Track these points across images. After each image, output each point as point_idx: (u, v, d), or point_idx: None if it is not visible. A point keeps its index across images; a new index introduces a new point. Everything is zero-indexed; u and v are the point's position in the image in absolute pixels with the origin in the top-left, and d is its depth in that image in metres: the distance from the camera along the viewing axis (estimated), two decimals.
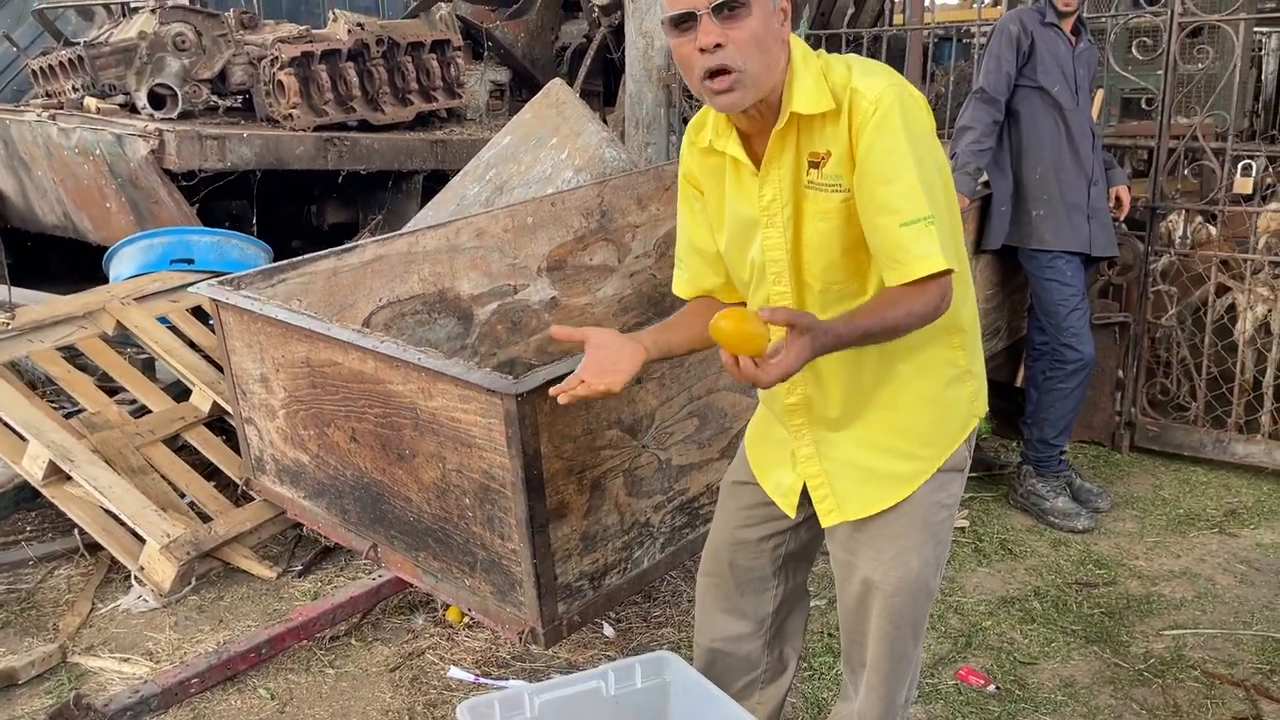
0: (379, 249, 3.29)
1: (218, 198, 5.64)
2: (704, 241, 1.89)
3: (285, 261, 3.11)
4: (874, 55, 6.28)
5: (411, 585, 2.81)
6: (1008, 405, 4.26)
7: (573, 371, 1.86)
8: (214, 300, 2.92)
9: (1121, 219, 3.71)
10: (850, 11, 7.48)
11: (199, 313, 3.90)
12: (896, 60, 6.78)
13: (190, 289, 3.12)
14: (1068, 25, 3.47)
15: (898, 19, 10.08)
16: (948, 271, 1.58)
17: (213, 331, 3.27)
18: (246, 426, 3.07)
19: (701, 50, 1.57)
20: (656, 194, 4.23)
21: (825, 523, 1.88)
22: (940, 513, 1.84)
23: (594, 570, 2.38)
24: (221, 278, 3.03)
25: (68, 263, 6.35)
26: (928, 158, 1.60)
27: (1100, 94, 3.71)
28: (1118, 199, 3.64)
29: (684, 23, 1.58)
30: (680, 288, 2.00)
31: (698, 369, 2.60)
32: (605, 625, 2.94)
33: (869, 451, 1.82)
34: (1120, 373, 4.15)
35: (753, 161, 1.71)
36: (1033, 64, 3.44)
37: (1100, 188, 3.54)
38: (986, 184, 3.55)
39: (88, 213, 5.72)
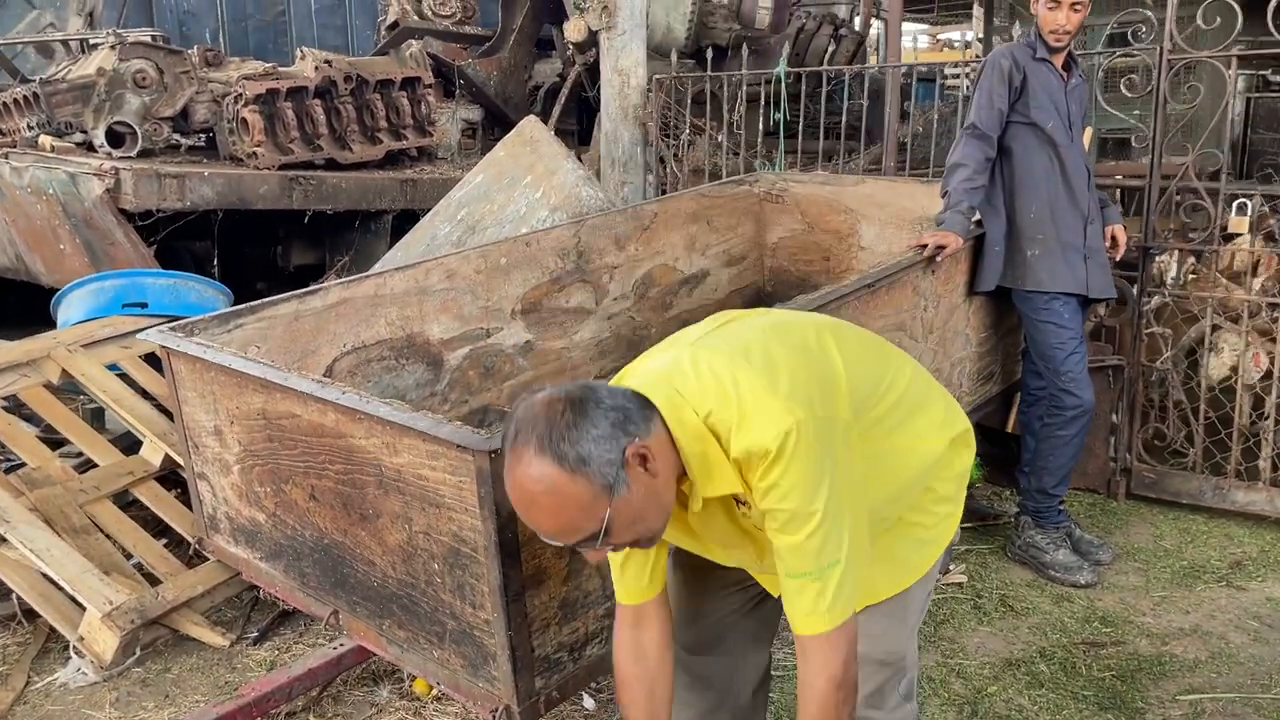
0: (344, 291, 3.11)
1: (178, 238, 5.44)
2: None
3: (243, 305, 2.92)
4: (852, 94, 6.21)
5: (375, 655, 2.60)
6: (1000, 451, 4.12)
7: None
8: (164, 347, 2.73)
9: (1118, 259, 3.59)
10: (830, 50, 7.43)
11: (153, 360, 3.68)
12: (875, 99, 6.73)
13: (140, 335, 2.91)
14: (1059, 60, 3.38)
15: (871, 58, 10.10)
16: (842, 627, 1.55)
17: None
18: (199, 482, 2.86)
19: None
20: (635, 234, 4.09)
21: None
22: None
23: (574, 640, 2.19)
24: (174, 323, 2.83)
25: (21, 306, 6.10)
26: (828, 491, 1.51)
27: (1089, 131, 3.60)
28: (1113, 238, 3.52)
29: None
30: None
31: None
32: (586, 697, 2.73)
33: None
34: (1114, 417, 4.02)
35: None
36: (1025, 99, 3.33)
37: (1096, 227, 3.43)
38: (979, 222, 3.42)
39: (40, 254, 5.49)
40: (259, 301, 2.94)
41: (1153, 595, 3.33)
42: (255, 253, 6.26)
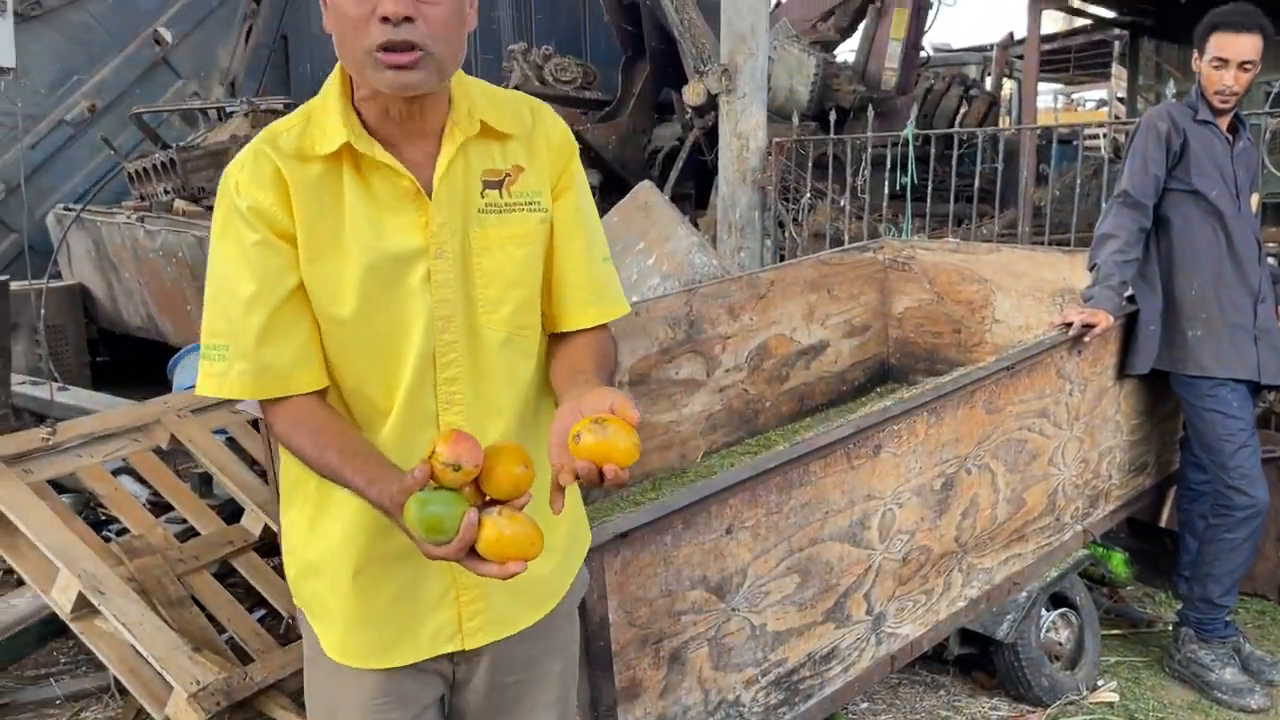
0: None
1: None
2: (295, 306, 1.33)
3: None
4: (984, 156, 5.92)
5: None
6: (1152, 547, 3.72)
7: (664, 515, 1.62)
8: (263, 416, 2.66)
9: None
10: (960, 111, 7.17)
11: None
12: (1008, 161, 6.43)
13: (241, 405, 2.86)
14: (1224, 123, 3.06)
15: (1004, 119, 9.75)
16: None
17: None
18: None
19: (384, 19, 1.23)
20: (750, 302, 3.90)
21: (472, 643, 1.46)
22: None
23: None
24: None
25: (152, 364, 6.29)
26: None
27: (1255, 198, 3.26)
28: None
29: None
30: (247, 385, 1.33)
31: (799, 515, 2.21)
32: None
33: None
34: None
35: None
36: (1185, 165, 3.02)
37: (1268, 305, 3.06)
38: (1132, 299, 3.10)
39: (170, 315, 5.66)
40: None
41: None
42: None
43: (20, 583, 3.12)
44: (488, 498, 1.21)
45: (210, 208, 5.70)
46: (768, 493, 2.13)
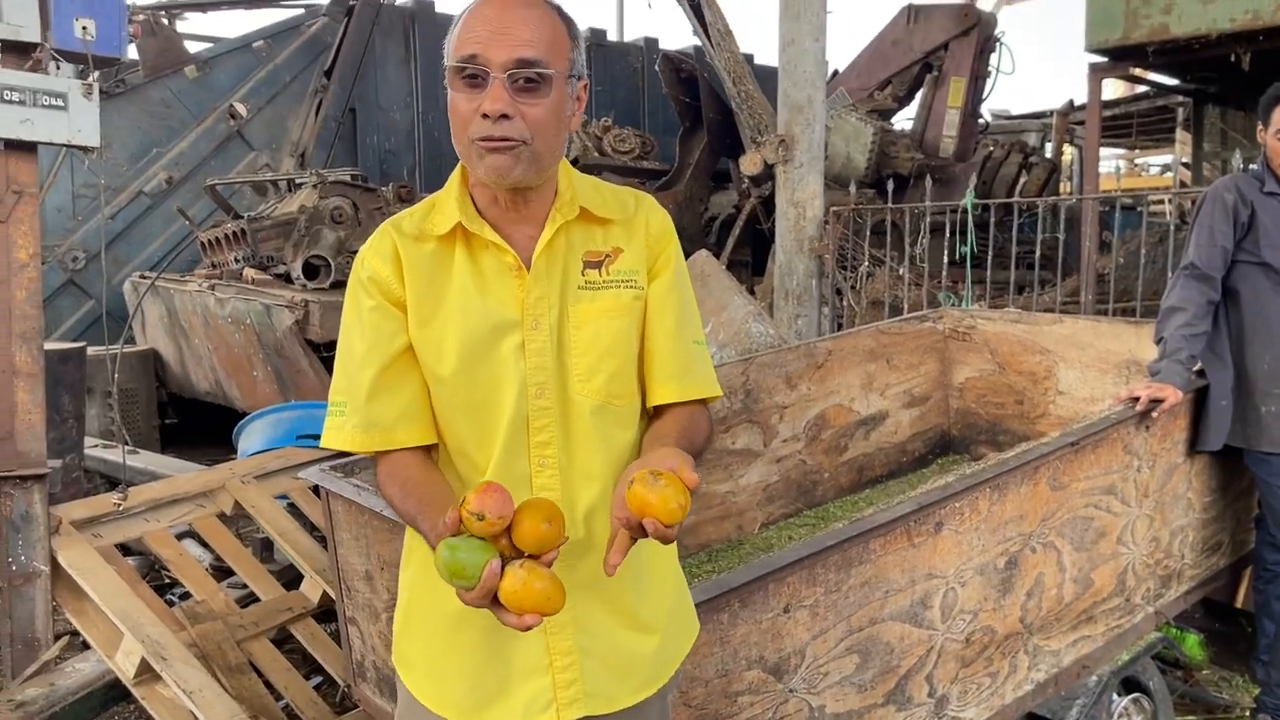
0: None
1: None
2: (402, 365, 1.44)
3: None
4: (1047, 225, 5.87)
5: None
6: (1228, 628, 3.58)
7: (721, 593, 1.63)
8: (322, 486, 2.70)
9: None
10: (1023, 179, 7.13)
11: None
12: (1070, 228, 6.35)
13: (302, 473, 2.91)
14: None
15: (1064, 186, 9.68)
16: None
17: None
18: (349, 626, 2.79)
19: (485, 115, 1.34)
20: (807, 372, 3.89)
21: (567, 715, 1.45)
22: None
23: None
24: (337, 460, 2.81)
25: (220, 429, 6.44)
26: None
27: None
28: None
29: (473, 78, 1.35)
30: (357, 438, 1.44)
31: (858, 594, 2.17)
32: None
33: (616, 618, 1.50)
34: None
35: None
36: (1254, 237, 2.96)
37: None
38: (1201, 373, 3.03)
39: (237, 380, 5.79)
40: None
41: None
42: None
43: (86, 646, 3.18)
44: (518, 550, 1.24)
45: (278, 275, 5.87)
46: (827, 571, 2.09)
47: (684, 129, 8.29)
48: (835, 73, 8.96)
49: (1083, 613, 2.74)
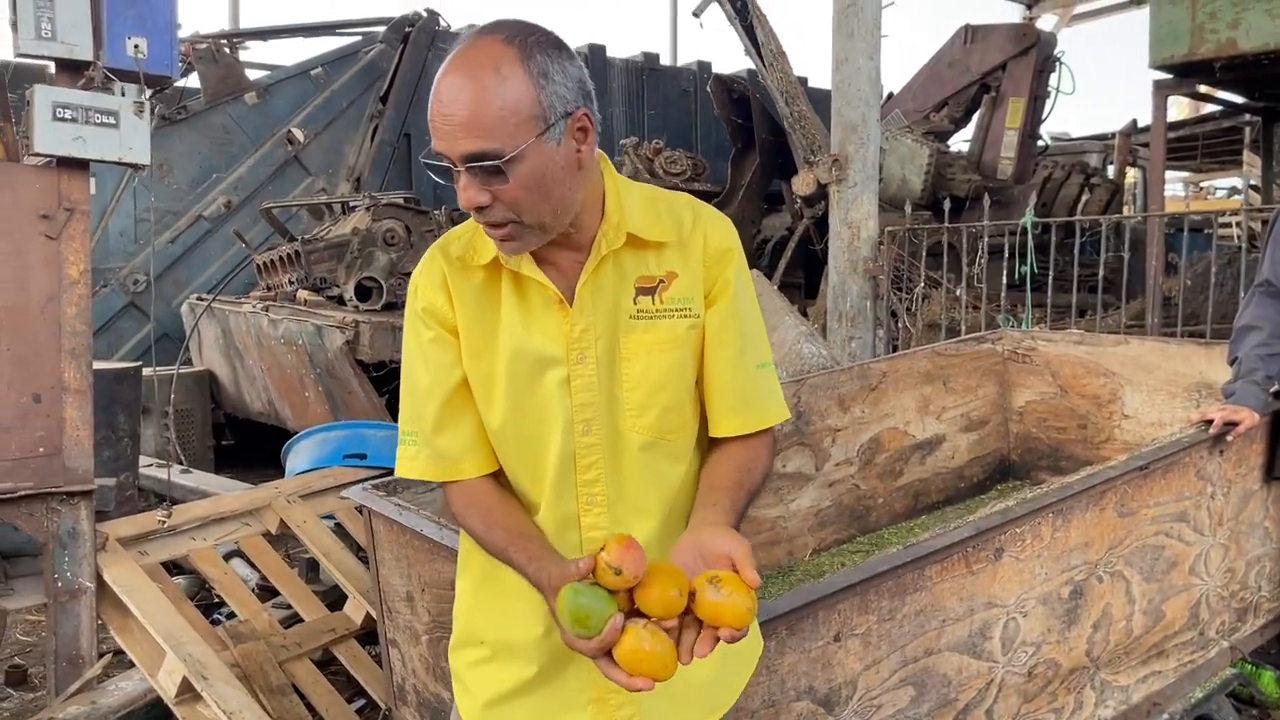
0: None
1: None
2: (462, 397, 1.44)
3: None
4: (1110, 246, 5.70)
5: None
6: None
7: (767, 620, 1.58)
8: (364, 505, 2.67)
9: None
10: (1084, 200, 6.96)
11: None
12: (1134, 250, 6.17)
13: (345, 492, 2.88)
14: None
15: (1126, 208, 9.45)
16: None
17: None
18: (390, 648, 2.75)
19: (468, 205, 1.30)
20: (861, 394, 3.79)
21: None
22: None
23: None
24: (379, 479, 2.78)
25: (272, 448, 6.49)
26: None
27: None
28: None
29: (447, 170, 1.29)
30: (428, 469, 1.46)
31: (913, 623, 2.07)
32: None
33: None
34: None
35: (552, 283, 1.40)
36: None
37: None
38: (1278, 395, 2.88)
39: (289, 400, 5.83)
40: None
41: None
42: None
43: (131, 664, 3.17)
44: (636, 608, 1.21)
45: (331, 298, 5.92)
46: (880, 598, 2.00)
47: (736, 150, 8.24)
48: (890, 95, 8.86)
49: (1153, 647, 2.60)
